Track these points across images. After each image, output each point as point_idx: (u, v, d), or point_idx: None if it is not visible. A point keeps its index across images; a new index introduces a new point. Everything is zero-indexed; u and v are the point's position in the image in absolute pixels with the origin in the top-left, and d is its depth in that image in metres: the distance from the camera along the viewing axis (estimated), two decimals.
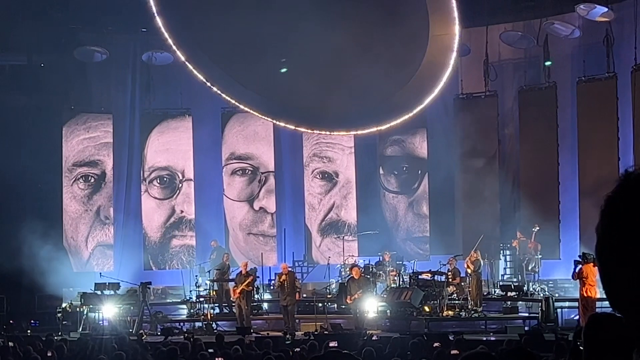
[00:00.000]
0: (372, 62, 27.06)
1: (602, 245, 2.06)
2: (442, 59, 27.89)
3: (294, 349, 16.86)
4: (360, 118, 28.72)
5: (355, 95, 27.49)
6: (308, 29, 26.68)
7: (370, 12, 27.49)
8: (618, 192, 2.07)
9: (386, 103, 28.41)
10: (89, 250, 29.78)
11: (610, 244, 2.04)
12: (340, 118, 28.72)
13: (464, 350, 14.78)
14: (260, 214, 30.98)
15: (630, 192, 2.05)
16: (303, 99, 28.34)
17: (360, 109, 28.46)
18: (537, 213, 28.44)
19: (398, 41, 27.49)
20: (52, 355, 16.31)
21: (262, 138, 30.99)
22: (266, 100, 28.51)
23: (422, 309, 25.66)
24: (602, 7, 26.72)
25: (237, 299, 25.77)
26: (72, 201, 29.80)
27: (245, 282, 25.60)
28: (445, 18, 27.63)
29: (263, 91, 28.32)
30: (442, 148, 30.56)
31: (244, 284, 25.59)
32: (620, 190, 2.07)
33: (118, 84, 30.96)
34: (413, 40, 27.75)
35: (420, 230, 30.81)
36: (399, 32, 27.55)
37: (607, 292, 2.07)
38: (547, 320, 24.72)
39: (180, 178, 30.77)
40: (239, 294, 25.62)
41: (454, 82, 29.45)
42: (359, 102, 28.03)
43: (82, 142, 29.95)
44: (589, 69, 27.86)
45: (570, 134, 28.23)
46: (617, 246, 2.02)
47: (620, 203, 2.06)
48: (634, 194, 2.04)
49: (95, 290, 26.59)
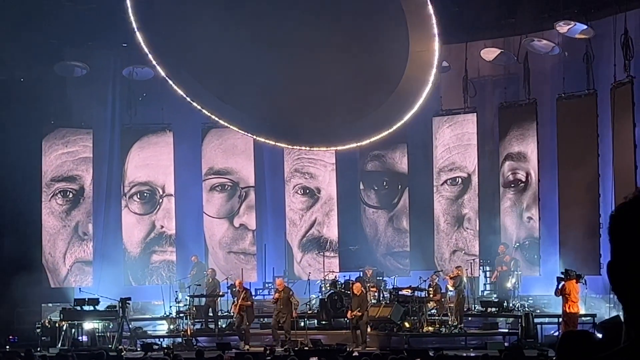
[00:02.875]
0: (352, 78, 27.14)
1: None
2: (422, 75, 27.95)
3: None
4: (341, 134, 28.74)
5: (335, 111, 27.53)
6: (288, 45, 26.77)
7: (351, 29, 27.55)
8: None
9: (366, 119, 28.45)
10: (66, 266, 29.59)
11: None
12: (320, 134, 28.75)
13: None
14: (240, 231, 30.87)
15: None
16: (283, 115, 28.38)
17: (340, 125, 28.47)
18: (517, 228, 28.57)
19: (378, 57, 27.60)
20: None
21: (241, 152, 30.90)
22: (246, 116, 28.49)
23: (403, 325, 25.66)
24: (582, 25, 26.84)
25: (237, 315, 25.83)
26: (50, 217, 29.64)
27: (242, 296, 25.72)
28: (425, 34, 27.72)
29: (243, 106, 28.28)
30: (422, 163, 30.65)
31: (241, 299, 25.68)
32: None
33: (98, 99, 30.86)
34: (393, 57, 27.83)
35: (400, 245, 30.82)
36: (379, 49, 27.65)
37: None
38: (528, 336, 24.78)
39: (161, 193, 30.67)
40: (238, 310, 25.71)
41: (433, 98, 29.55)
42: (339, 117, 28.05)
43: (61, 157, 29.82)
44: (569, 85, 28.00)
45: (550, 150, 28.33)
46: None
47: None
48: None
49: (74, 305, 26.50)
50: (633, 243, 2.14)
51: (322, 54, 27.11)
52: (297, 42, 27.08)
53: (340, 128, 28.57)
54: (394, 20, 27.73)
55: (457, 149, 29.82)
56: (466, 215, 29.60)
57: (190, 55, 27.77)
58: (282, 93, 27.78)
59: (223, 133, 30.44)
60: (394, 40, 27.72)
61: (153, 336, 26.90)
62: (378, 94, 28.19)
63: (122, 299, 26.03)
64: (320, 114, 27.04)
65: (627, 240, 2.16)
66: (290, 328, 25.66)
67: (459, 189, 29.80)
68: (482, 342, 24.88)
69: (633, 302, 2.15)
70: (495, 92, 30.40)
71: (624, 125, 25.41)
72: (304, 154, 30.81)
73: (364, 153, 30.90)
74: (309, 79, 27.19)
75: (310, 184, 31.09)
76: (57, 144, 29.83)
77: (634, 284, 2.14)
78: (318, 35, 27.11)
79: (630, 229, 2.15)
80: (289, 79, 27.62)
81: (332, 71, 26.97)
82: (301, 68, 27.38)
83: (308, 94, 27.14)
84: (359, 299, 25.19)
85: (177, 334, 26.83)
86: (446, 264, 29.09)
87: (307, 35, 27.03)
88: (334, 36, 27.10)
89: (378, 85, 28.11)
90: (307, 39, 27.08)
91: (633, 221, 2.15)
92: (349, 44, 27.43)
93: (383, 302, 27.08)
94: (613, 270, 2.20)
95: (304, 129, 28.61)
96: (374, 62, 27.58)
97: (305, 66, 27.38)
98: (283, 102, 27.91)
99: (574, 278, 22.57)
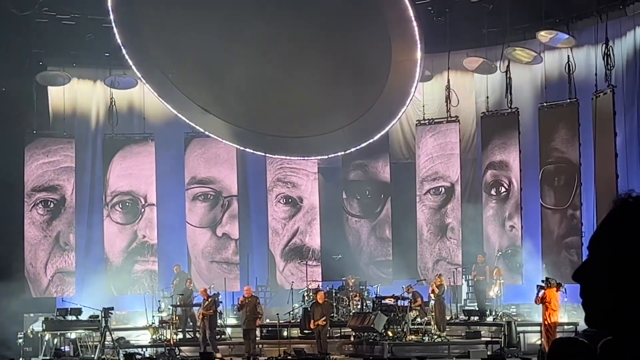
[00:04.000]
0: (334, 87, 27.18)
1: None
2: (404, 85, 28.04)
3: None
4: (322, 143, 28.80)
5: (317, 120, 27.56)
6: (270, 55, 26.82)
7: (334, 39, 27.60)
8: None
9: (348, 128, 28.49)
10: (48, 277, 29.44)
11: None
12: (301, 143, 28.80)
13: None
14: (223, 240, 30.82)
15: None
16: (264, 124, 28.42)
17: (321, 134, 28.54)
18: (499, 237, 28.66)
19: (361, 67, 27.66)
20: None
21: (224, 161, 30.87)
22: (229, 125, 28.52)
23: (386, 334, 25.68)
24: (564, 34, 26.99)
25: (201, 323, 25.79)
26: (31, 227, 29.50)
27: (205, 305, 25.67)
28: (407, 44, 27.79)
29: (226, 116, 28.33)
30: (405, 173, 30.73)
31: (203, 307, 25.64)
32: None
33: (81, 109, 30.82)
34: (376, 66, 27.88)
35: (383, 254, 30.85)
36: (361, 58, 27.70)
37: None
38: (510, 344, 24.85)
39: (143, 203, 30.60)
40: (202, 318, 25.67)
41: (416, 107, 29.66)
42: (320, 126, 28.10)
43: (42, 167, 29.69)
44: (551, 95, 28.14)
45: (532, 158, 28.44)
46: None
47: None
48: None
49: (57, 315, 26.40)
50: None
51: (304, 64, 27.16)
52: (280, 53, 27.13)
53: (321, 137, 28.63)
54: (377, 31, 27.79)
55: (440, 158, 29.89)
56: (449, 225, 29.65)
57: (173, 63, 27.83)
58: (263, 102, 27.86)
59: (205, 142, 30.40)
60: (377, 51, 27.78)
61: (136, 346, 26.80)
62: (361, 103, 28.24)
63: (105, 309, 25.94)
64: (301, 123, 27.08)
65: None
66: (255, 337, 25.71)
67: (442, 198, 29.86)
68: (465, 351, 24.91)
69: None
70: (477, 102, 30.48)
71: (605, 134, 25.53)
72: (286, 163, 30.82)
73: (347, 162, 30.94)
74: (290, 88, 27.26)
75: (293, 193, 31.08)
76: (38, 154, 29.71)
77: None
78: (301, 46, 27.17)
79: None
80: (270, 88, 27.68)
81: (315, 80, 27.02)
82: (283, 77, 27.44)
83: (290, 103, 27.18)
84: (322, 308, 25.20)
85: (159, 344, 26.77)
86: (429, 273, 29.12)
87: (289, 47, 27.08)
88: (316, 46, 27.15)
89: (361, 95, 28.16)
90: (289, 50, 27.14)
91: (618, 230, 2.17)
92: (331, 54, 27.49)
93: (366, 310, 27.10)
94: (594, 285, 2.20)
95: (285, 139, 28.65)
96: (356, 73, 27.64)
97: (287, 75, 27.44)
98: (265, 111, 27.98)
99: (554, 286, 22.65)
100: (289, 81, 27.39)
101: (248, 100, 27.77)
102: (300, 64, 27.20)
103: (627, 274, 2.12)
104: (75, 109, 30.79)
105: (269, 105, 27.91)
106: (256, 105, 27.91)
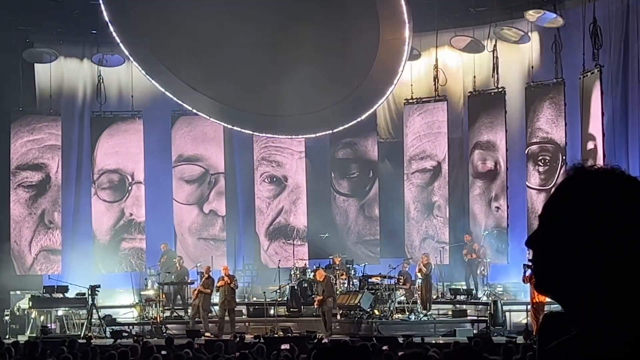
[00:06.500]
0: (322, 66, 27.11)
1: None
2: (392, 64, 27.99)
3: (244, 352, 16.81)
4: (309, 122, 28.81)
5: (304, 99, 27.49)
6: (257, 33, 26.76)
7: (322, 18, 27.51)
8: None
9: (336, 107, 28.48)
10: (32, 254, 29.40)
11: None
12: (289, 122, 28.79)
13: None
14: (210, 217, 30.84)
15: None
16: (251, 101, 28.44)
17: (309, 113, 28.54)
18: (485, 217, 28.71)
19: (349, 45, 27.61)
20: (2, 358, 16.14)
21: (211, 139, 30.83)
22: (216, 103, 28.52)
23: (372, 312, 25.76)
24: (551, 14, 26.98)
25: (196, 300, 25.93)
26: (16, 204, 29.45)
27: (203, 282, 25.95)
28: (395, 23, 27.70)
29: (213, 94, 28.33)
30: (392, 151, 30.74)
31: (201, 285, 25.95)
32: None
33: (68, 86, 30.74)
34: (364, 45, 27.83)
35: (372, 233, 30.87)
36: (349, 37, 27.64)
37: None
38: (496, 323, 24.97)
39: (130, 181, 30.56)
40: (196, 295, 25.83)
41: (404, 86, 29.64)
42: (308, 105, 28.06)
43: (26, 145, 29.61)
44: (538, 74, 28.15)
45: (518, 138, 28.47)
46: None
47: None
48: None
49: (44, 293, 26.42)
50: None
51: (292, 42, 27.08)
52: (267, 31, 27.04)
53: (309, 116, 28.63)
54: (365, 9, 27.71)
55: (428, 137, 29.89)
56: (436, 203, 29.69)
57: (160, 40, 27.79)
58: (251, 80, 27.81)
59: (192, 120, 30.37)
60: (365, 29, 27.72)
61: (122, 323, 26.84)
62: (349, 81, 28.23)
63: (92, 287, 25.98)
64: (289, 101, 27.03)
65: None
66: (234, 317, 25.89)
67: (429, 176, 29.87)
68: (451, 329, 25.02)
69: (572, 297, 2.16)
70: (465, 81, 30.47)
71: (592, 114, 25.55)
72: (271, 142, 30.82)
73: (335, 141, 30.93)
74: (278, 67, 27.19)
75: (278, 172, 31.07)
76: (23, 132, 29.62)
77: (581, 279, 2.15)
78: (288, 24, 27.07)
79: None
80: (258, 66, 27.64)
81: (302, 59, 26.94)
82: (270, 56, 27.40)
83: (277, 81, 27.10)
84: (322, 285, 25.30)
85: (146, 322, 26.81)
86: (416, 251, 29.15)
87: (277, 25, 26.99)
88: (304, 25, 27.05)
89: (349, 73, 28.14)
90: (277, 28, 27.05)
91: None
92: (319, 32, 27.40)
93: (352, 289, 27.17)
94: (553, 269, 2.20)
95: (273, 117, 28.63)
96: (345, 51, 27.61)
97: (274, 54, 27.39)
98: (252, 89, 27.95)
99: None
100: (277, 60, 27.33)
101: (235, 78, 27.74)
102: (288, 42, 27.13)
103: (594, 253, 2.12)
104: (62, 87, 30.70)
105: (256, 84, 27.85)
106: (244, 83, 27.87)
